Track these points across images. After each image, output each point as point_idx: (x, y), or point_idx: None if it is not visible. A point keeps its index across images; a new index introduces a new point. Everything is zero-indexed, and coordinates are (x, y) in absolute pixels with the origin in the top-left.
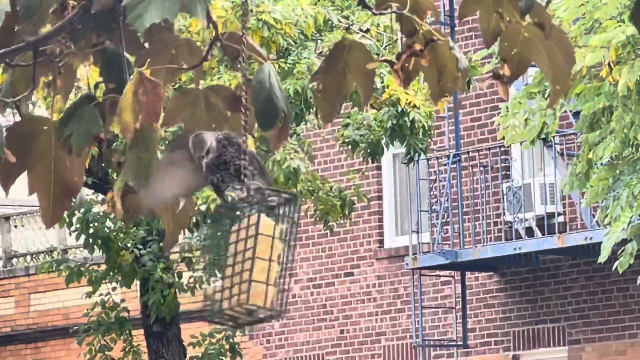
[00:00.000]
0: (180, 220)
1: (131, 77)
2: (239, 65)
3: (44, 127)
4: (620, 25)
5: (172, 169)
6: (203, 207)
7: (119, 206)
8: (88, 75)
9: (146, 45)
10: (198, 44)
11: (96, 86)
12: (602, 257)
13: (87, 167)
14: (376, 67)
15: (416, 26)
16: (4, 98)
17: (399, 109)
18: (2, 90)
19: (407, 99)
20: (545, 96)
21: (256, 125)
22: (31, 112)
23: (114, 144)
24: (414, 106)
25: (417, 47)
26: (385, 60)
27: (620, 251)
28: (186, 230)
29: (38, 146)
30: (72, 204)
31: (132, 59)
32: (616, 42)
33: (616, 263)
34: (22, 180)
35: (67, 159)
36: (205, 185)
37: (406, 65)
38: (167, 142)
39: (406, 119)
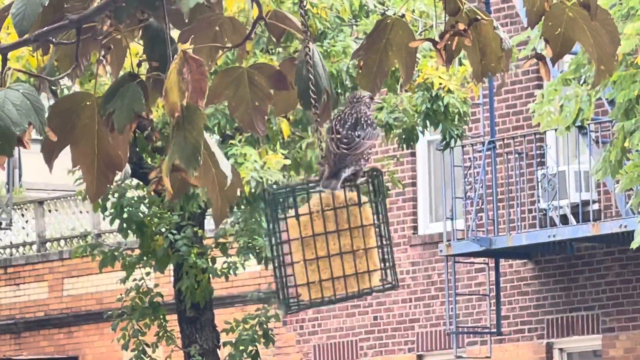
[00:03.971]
0: (228, 195)
1: (175, 55)
2: (282, 44)
3: (87, 103)
4: None
5: None
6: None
7: (168, 185)
8: (131, 52)
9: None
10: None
11: (139, 64)
12: (635, 243)
13: None
14: (419, 45)
15: (460, 5)
16: (47, 77)
17: (433, 93)
18: (46, 68)
19: (440, 83)
20: (581, 82)
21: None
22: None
23: (154, 125)
24: (448, 90)
25: (461, 26)
26: (428, 40)
27: None
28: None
29: (82, 121)
30: (117, 180)
31: (175, 35)
32: None
33: None
34: (57, 164)
35: (109, 134)
36: None
37: (449, 43)
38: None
39: (440, 103)
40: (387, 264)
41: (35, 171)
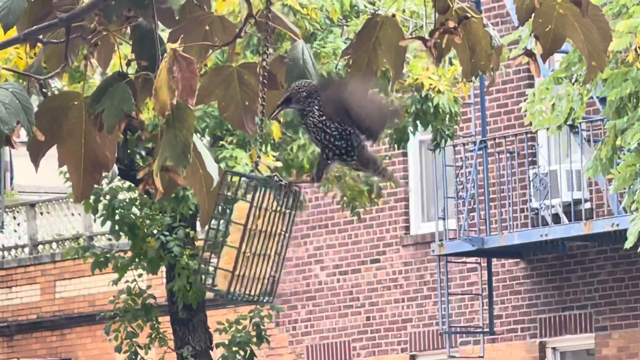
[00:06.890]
0: (215, 197)
1: (165, 54)
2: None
3: (75, 102)
4: None
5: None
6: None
7: (159, 184)
8: (120, 52)
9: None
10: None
11: (128, 63)
12: (629, 243)
13: None
14: (409, 43)
15: (449, 3)
16: (35, 75)
17: (423, 94)
18: (33, 67)
19: (430, 84)
20: (572, 81)
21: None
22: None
23: (144, 126)
24: (438, 91)
25: (451, 24)
26: (418, 38)
27: None
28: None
29: (69, 120)
30: (104, 179)
31: (164, 35)
32: None
33: None
34: (49, 167)
35: (97, 134)
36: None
37: (439, 41)
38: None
39: (430, 104)
40: (273, 276)
41: (27, 174)
